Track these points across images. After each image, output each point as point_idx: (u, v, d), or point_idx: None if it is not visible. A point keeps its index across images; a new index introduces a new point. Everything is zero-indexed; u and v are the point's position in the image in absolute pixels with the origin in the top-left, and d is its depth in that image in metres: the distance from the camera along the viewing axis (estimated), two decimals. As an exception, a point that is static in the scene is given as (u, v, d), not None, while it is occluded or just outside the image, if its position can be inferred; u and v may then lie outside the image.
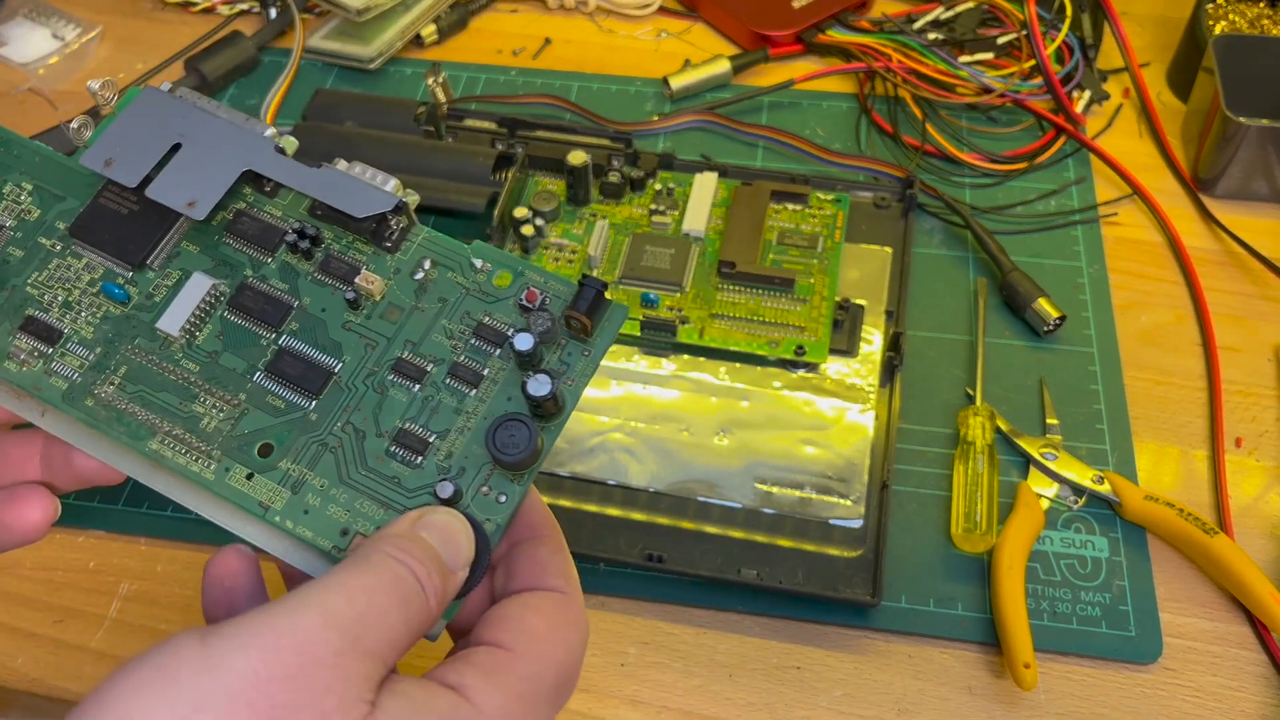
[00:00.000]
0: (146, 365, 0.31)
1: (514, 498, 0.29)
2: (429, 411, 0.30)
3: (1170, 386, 0.51)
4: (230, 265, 0.32)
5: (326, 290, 0.31)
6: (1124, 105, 0.64)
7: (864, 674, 0.42)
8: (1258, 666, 0.42)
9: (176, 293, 0.32)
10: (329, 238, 0.32)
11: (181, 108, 0.32)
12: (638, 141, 0.60)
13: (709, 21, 0.70)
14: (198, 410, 0.30)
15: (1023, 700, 0.41)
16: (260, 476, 0.30)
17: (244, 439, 0.30)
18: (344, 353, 0.31)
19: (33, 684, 0.42)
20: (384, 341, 0.31)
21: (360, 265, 0.32)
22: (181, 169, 0.31)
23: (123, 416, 0.30)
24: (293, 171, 0.31)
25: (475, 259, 0.31)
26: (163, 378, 0.31)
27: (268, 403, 0.30)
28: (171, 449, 0.30)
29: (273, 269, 0.32)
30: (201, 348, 0.31)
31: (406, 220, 0.32)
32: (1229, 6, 0.64)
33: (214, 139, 0.32)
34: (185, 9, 0.72)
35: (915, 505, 0.46)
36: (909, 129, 0.61)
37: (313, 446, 0.30)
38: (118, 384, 0.31)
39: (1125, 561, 0.44)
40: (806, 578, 0.43)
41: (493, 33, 0.70)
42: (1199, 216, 0.58)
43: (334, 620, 0.23)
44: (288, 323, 0.31)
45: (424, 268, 0.31)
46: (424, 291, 0.31)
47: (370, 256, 0.32)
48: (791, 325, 0.50)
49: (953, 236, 0.56)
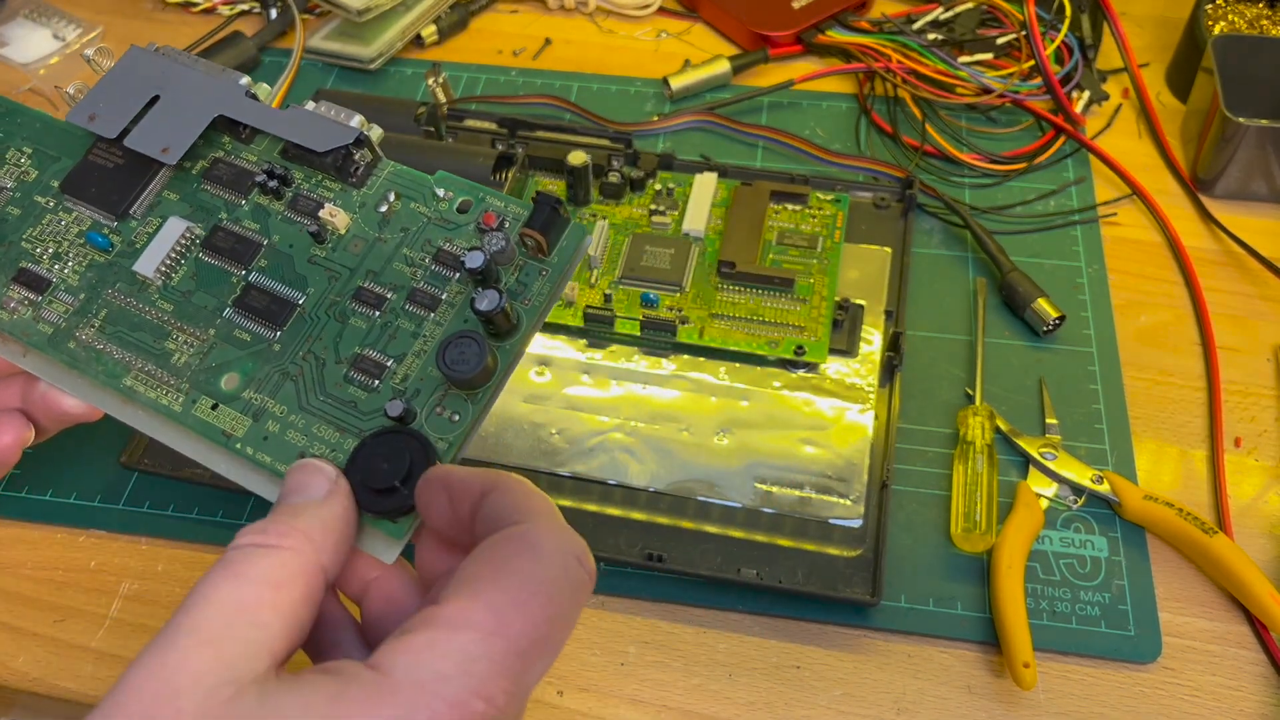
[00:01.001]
0: (125, 308, 0.32)
1: (468, 416, 0.30)
2: (387, 337, 0.31)
3: (1170, 386, 0.51)
4: (206, 210, 0.33)
5: (296, 228, 0.33)
6: (1123, 105, 0.64)
7: (863, 673, 0.42)
8: (1257, 666, 0.42)
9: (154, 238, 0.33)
10: (299, 177, 0.33)
11: (162, 63, 0.34)
12: (638, 142, 0.60)
13: (709, 22, 0.70)
14: (169, 347, 0.32)
15: (1022, 700, 0.41)
16: (224, 406, 0.31)
17: (211, 371, 0.31)
18: (309, 285, 0.32)
19: (33, 684, 0.42)
20: (347, 273, 0.32)
21: (327, 199, 0.33)
22: (158, 119, 0.33)
23: (100, 356, 0.32)
24: (261, 114, 0.33)
25: (438, 188, 0.32)
26: (140, 318, 0.32)
27: (235, 336, 0.32)
28: (144, 384, 0.31)
29: (246, 210, 0.33)
30: (176, 288, 0.33)
31: (371, 155, 0.33)
32: (1228, 7, 0.64)
33: (190, 89, 0.33)
34: (186, 9, 0.72)
35: (915, 505, 0.46)
36: (908, 129, 0.61)
37: (274, 376, 0.31)
38: (98, 326, 0.32)
39: (1124, 561, 0.44)
40: (806, 577, 0.43)
41: (493, 33, 0.70)
42: (1198, 217, 0.58)
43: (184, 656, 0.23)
44: (257, 259, 0.32)
45: (388, 199, 0.32)
46: (387, 223, 0.32)
47: (338, 193, 0.33)
48: (791, 325, 0.50)
49: (952, 236, 0.56)
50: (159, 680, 0.22)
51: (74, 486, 0.48)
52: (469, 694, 0.22)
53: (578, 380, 0.50)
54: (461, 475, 0.27)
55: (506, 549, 0.24)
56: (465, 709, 0.22)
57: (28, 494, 0.48)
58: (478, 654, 0.22)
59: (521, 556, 0.24)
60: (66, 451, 0.48)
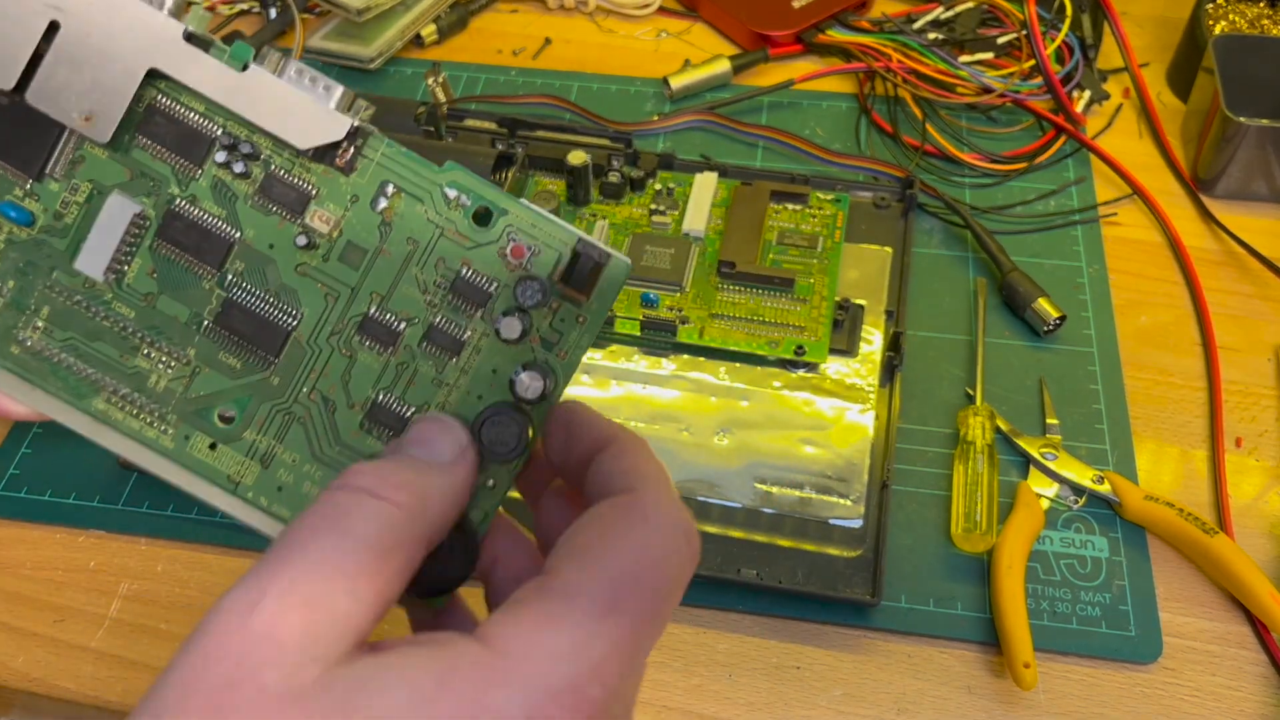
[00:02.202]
0: (73, 308, 0.27)
1: (503, 482, 0.27)
2: (404, 382, 0.27)
3: (1170, 386, 0.51)
4: (150, 179, 0.27)
5: (272, 220, 0.27)
6: (1124, 105, 0.64)
7: (864, 674, 0.42)
8: (1257, 666, 0.42)
9: (92, 218, 0.27)
10: (267, 148, 0.26)
11: None
12: (638, 141, 0.60)
13: (709, 21, 0.70)
14: (142, 365, 0.27)
15: (1022, 700, 0.41)
16: (224, 446, 0.27)
17: (200, 402, 0.27)
18: (301, 303, 0.27)
19: (33, 684, 0.42)
20: (347, 291, 0.27)
21: (309, 191, 0.26)
22: (66, 64, 0.25)
23: (57, 370, 0.27)
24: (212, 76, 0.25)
25: (448, 189, 0.27)
26: (95, 324, 0.27)
27: (221, 361, 0.27)
28: (121, 410, 0.27)
29: (203, 187, 0.27)
30: (134, 288, 0.27)
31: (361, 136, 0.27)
32: (1229, 6, 0.64)
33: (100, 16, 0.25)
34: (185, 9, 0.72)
35: (915, 505, 0.46)
36: (909, 129, 0.61)
37: (278, 416, 0.27)
38: (42, 328, 0.27)
39: (1125, 561, 0.44)
40: (806, 577, 0.43)
41: (493, 33, 0.70)
42: (1199, 216, 0.58)
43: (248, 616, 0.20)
44: (230, 261, 0.27)
45: (387, 195, 0.27)
46: (389, 227, 0.27)
47: (321, 178, 0.27)
48: (791, 325, 0.50)
49: (952, 236, 0.56)
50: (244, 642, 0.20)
51: (73, 486, 0.48)
52: (586, 677, 0.20)
53: (578, 380, 0.50)
54: (586, 416, 0.26)
55: (618, 518, 0.23)
56: (581, 694, 0.20)
57: (27, 494, 0.47)
58: (594, 632, 0.21)
59: (635, 528, 0.22)
60: (66, 451, 0.48)
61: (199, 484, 0.27)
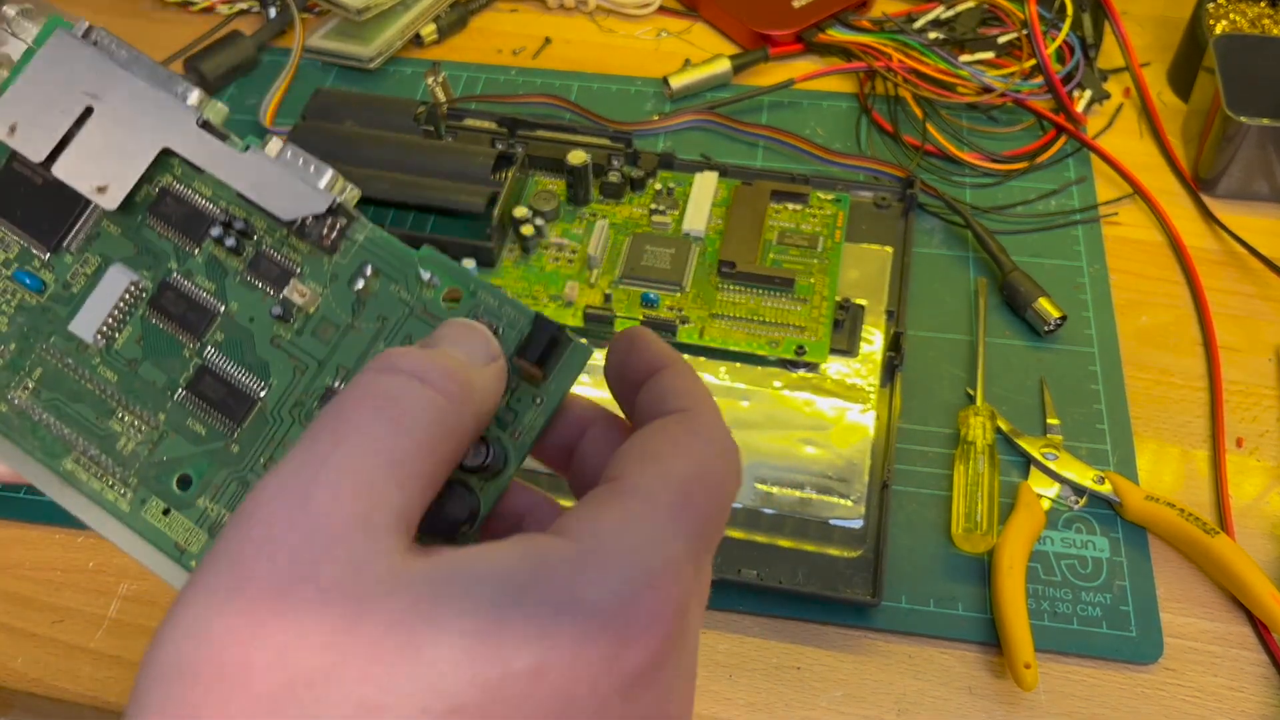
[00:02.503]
0: (63, 370, 0.28)
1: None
2: None
3: (1171, 386, 0.51)
4: (153, 254, 0.29)
5: (257, 295, 0.28)
6: (1124, 105, 0.64)
7: (864, 674, 0.42)
8: (1258, 667, 0.42)
9: (93, 287, 0.28)
10: (261, 229, 0.28)
11: (96, 61, 0.28)
12: (638, 141, 0.60)
13: (709, 21, 0.70)
14: (114, 428, 0.28)
15: (1023, 700, 0.41)
16: (177, 513, 0.27)
17: (162, 467, 0.28)
18: (271, 374, 0.28)
19: (32, 684, 0.42)
20: (314, 365, 0.28)
21: (294, 268, 0.28)
22: (92, 142, 0.28)
23: (37, 429, 0.28)
24: (216, 156, 0.27)
25: (423, 270, 0.27)
26: (79, 386, 0.28)
27: (188, 427, 0.28)
28: (87, 470, 0.28)
29: (199, 263, 0.28)
30: (121, 353, 0.28)
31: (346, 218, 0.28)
32: (1230, 6, 0.64)
33: (130, 104, 0.27)
34: (184, 8, 0.72)
35: (915, 505, 0.46)
36: (909, 129, 0.61)
37: (232, 484, 0.27)
38: (31, 388, 0.28)
39: (1126, 562, 0.44)
40: (806, 578, 0.43)
41: (492, 32, 0.70)
42: (1200, 216, 0.58)
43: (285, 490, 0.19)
44: (212, 332, 0.28)
45: (365, 275, 0.28)
46: (362, 305, 0.28)
47: (306, 256, 0.28)
48: (792, 325, 0.50)
49: (953, 236, 0.56)
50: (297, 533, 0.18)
51: (72, 487, 0.48)
52: (668, 571, 0.20)
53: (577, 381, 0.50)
54: (646, 339, 0.26)
55: (678, 430, 0.23)
56: (665, 587, 0.20)
57: (26, 494, 0.47)
58: (670, 530, 0.21)
59: (694, 439, 0.23)
60: (65, 452, 0.48)
61: (147, 550, 0.28)
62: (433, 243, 0.51)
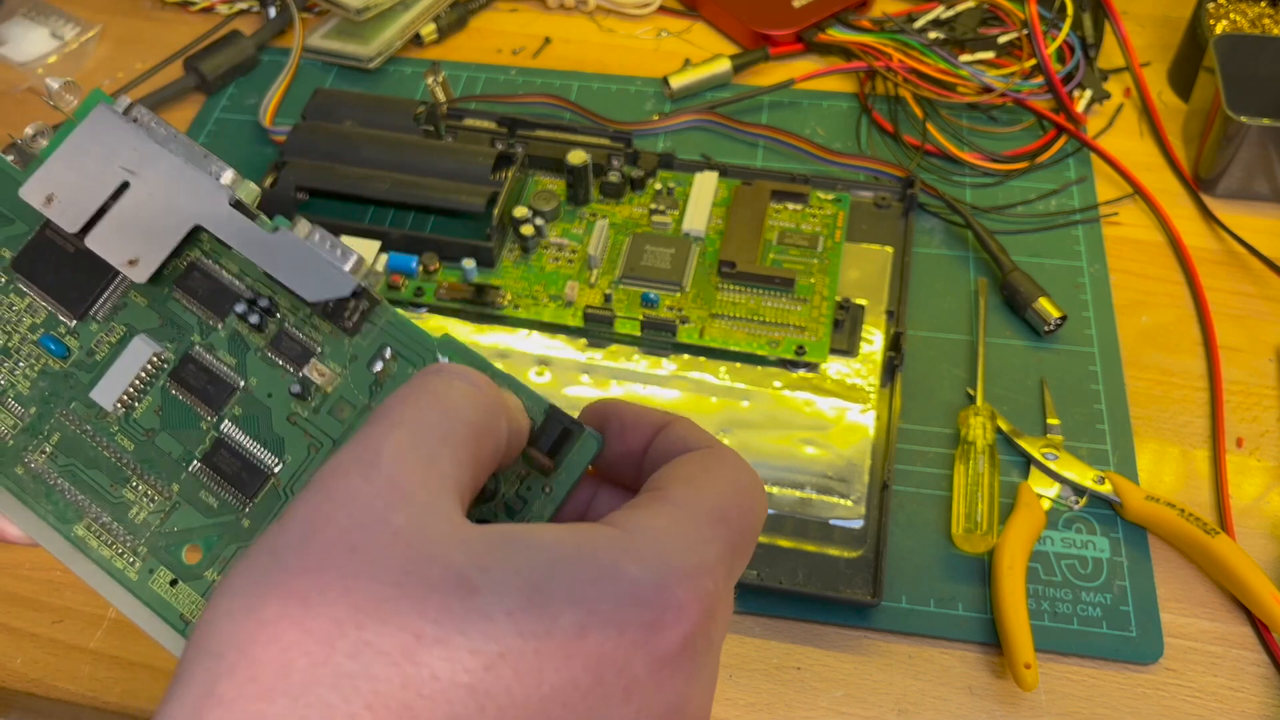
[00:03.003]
0: (80, 436, 0.29)
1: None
2: None
3: (1171, 386, 0.51)
4: (178, 327, 0.29)
5: (276, 372, 0.29)
6: (1125, 105, 0.64)
7: (864, 674, 0.42)
8: (1259, 667, 0.42)
9: (117, 356, 0.29)
10: (285, 307, 0.29)
11: (134, 138, 0.28)
12: (638, 141, 0.60)
13: (709, 21, 0.70)
14: (128, 497, 0.28)
15: (1023, 701, 0.41)
16: (184, 584, 0.28)
17: (172, 538, 0.28)
18: (285, 451, 0.28)
19: (31, 684, 0.42)
20: (329, 443, 0.28)
21: (315, 347, 0.28)
22: (126, 216, 0.28)
23: (51, 493, 0.28)
24: (245, 234, 0.28)
25: (441, 355, 0.28)
26: (96, 453, 0.29)
27: (201, 499, 0.28)
28: (97, 538, 0.28)
29: (221, 338, 0.29)
30: (139, 423, 0.29)
31: (369, 301, 0.28)
32: (1230, 6, 0.64)
33: (165, 181, 0.28)
34: (184, 8, 0.72)
35: (916, 505, 0.46)
36: (909, 128, 0.61)
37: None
38: (49, 453, 0.29)
39: (1126, 562, 0.44)
40: (807, 578, 0.43)
41: (492, 32, 0.70)
42: (1200, 216, 0.58)
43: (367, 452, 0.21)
44: (230, 406, 0.29)
45: (384, 357, 0.28)
46: (379, 387, 0.28)
47: (327, 336, 0.28)
48: (792, 325, 0.50)
49: (953, 236, 0.56)
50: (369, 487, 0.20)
51: (72, 487, 0.48)
52: (705, 569, 0.21)
53: (577, 380, 0.50)
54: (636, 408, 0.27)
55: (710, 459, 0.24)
56: (701, 582, 0.21)
57: (26, 494, 0.47)
58: (708, 535, 0.22)
59: (725, 467, 0.24)
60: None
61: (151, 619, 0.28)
62: (433, 243, 0.52)
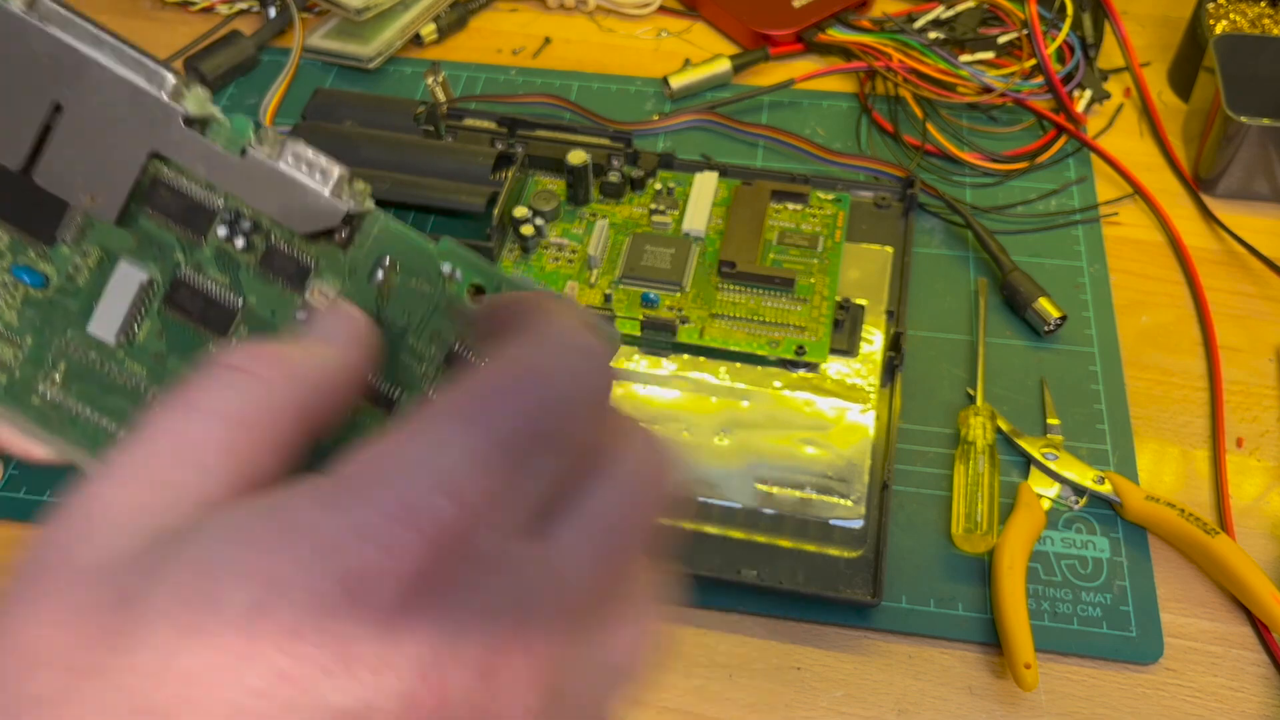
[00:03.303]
0: (89, 364, 0.28)
1: None
2: None
3: (1171, 386, 0.51)
4: (157, 245, 0.28)
5: (274, 289, 0.28)
6: (1125, 105, 0.64)
7: (864, 674, 0.42)
8: (1259, 667, 0.42)
9: (103, 283, 0.28)
10: (268, 222, 0.27)
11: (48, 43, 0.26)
12: (638, 141, 0.60)
13: (709, 21, 0.70)
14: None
15: (1023, 701, 0.41)
16: None
17: None
18: None
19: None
20: None
21: (309, 263, 0.27)
22: (70, 145, 0.26)
23: (75, 420, 0.28)
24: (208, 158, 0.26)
25: (443, 264, 0.27)
26: (110, 379, 0.28)
27: None
28: None
29: (208, 256, 0.27)
30: (144, 347, 0.28)
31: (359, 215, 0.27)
32: (1230, 6, 0.64)
33: (103, 97, 0.26)
34: (184, 8, 0.71)
35: (916, 505, 0.46)
36: (909, 128, 0.61)
37: None
38: (60, 382, 0.28)
39: (1126, 562, 0.44)
40: (807, 578, 0.43)
41: (492, 32, 0.70)
42: (1200, 216, 0.58)
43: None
44: (234, 327, 0.28)
45: (383, 266, 0.27)
46: (385, 300, 0.27)
47: (320, 249, 0.27)
48: (792, 325, 0.50)
49: (953, 236, 0.56)
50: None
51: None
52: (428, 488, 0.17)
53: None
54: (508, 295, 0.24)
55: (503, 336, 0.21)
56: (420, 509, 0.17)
57: (26, 494, 0.47)
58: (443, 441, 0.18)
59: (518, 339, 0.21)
60: (65, 452, 0.48)
61: None
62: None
